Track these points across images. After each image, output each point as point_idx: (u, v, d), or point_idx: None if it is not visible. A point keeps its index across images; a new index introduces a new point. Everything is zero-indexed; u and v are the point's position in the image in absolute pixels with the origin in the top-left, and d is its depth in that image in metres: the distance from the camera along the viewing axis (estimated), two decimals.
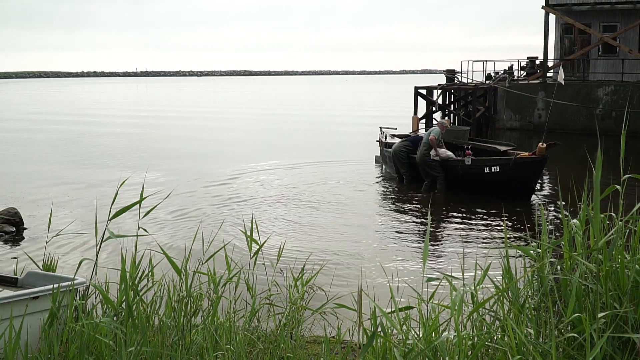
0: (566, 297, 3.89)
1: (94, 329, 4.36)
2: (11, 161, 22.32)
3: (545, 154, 14.41)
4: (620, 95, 28.95)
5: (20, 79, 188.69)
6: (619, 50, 32.75)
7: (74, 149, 25.54)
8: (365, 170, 19.43)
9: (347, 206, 14.27)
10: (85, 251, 10.36)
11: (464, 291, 3.92)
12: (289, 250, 10.11)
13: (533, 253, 4.29)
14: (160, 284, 5.01)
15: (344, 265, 9.75)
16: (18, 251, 10.50)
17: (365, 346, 3.63)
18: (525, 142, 24.16)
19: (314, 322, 5.51)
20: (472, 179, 15.37)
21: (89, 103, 65.98)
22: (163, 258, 4.84)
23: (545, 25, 32.85)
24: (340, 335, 4.73)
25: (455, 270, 8.48)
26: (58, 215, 12.85)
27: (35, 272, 5.40)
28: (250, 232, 5.20)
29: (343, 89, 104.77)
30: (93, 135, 31.48)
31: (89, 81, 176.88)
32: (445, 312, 4.09)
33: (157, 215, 12.59)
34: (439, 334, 3.85)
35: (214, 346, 4.41)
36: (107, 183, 17.08)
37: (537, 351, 3.66)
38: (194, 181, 17.51)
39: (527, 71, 36.81)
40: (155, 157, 22.73)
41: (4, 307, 4.56)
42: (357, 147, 24.86)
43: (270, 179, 17.83)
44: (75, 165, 21.05)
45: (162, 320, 4.72)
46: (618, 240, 3.92)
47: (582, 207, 4.13)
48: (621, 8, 32.63)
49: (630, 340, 3.64)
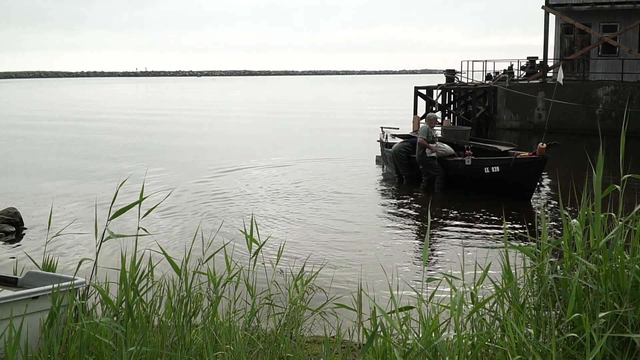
0: (566, 297, 3.89)
1: (94, 329, 4.36)
2: (11, 161, 22.31)
3: (546, 154, 14.41)
4: (620, 95, 28.95)
5: (20, 79, 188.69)
6: (619, 50, 32.75)
7: (74, 149, 25.54)
8: (366, 170, 19.43)
9: (348, 206, 14.26)
10: (85, 251, 10.36)
11: (464, 291, 3.92)
12: (289, 250, 10.11)
13: (533, 253, 4.29)
14: (160, 284, 5.02)
15: (344, 265, 9.74)
16: (18, 251, 10.50)
17: (365, 346, 3.63)
18: (525, 142, 24.16)
19: (314, 322, 5.51)
20: (472, 179, 15.38)
21: (90, 103, 65.98)
22: (163, 258, 4.85)
23: (545, 25, 32.85)
24: (340, 335, 4.73)
25: (455, 270, 8.48)
26: (58, 215, 12.85)
27: (35, 272, 5.40)
28: (250, 232, 5.20)
29: (343, 89, 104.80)
30: (94, 134, 31.47)
31: (89, 81, 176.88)
32: (445, 312, 4.09)
33: (157, 215, 12.59)
34: (439, 334, 3.84)
35: (214, 346, 4.41)
36: (107, 183, 17.08)
37: (537, 351, 3.66)
38: (194, 180, 17.50)
39: (527, 71, 36.80)
40: (156, 157, 22.72)
41: (4, 307, 4.56)
42: (358, 147, 24.86)
43: (270, 179, 17.82)
44: (75, 165, 21.03)
45: (162, 320, 4.72)
46: (618, 240, 3.92)
47: (582, 207, 4.13)
48: (621, 8, 32.64)
49: (630, 340, 3.64)
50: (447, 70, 36.62)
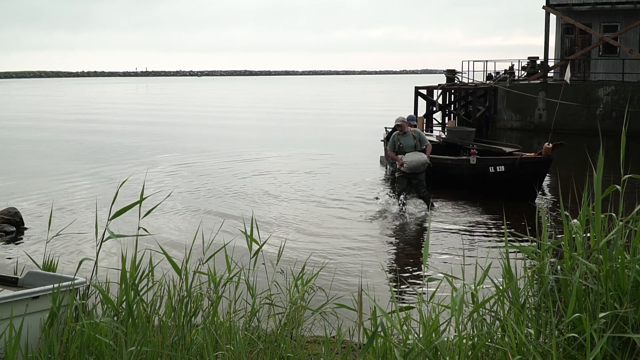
0: (566, 297, 3.89)
1: (94, 329, 4.36)
2: (11, 160, 22.31)
3: (551, 154, 14.32)
4: (621, 96, 28.94)
5: (21, 79, 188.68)
6: (620, 50, 32.75)
7: (74, 148, 25.54)
8: (369, 170, 19.43)
9: (349, 206, 14.25)
10: (86, 251, 10.36)
11: (464, 291, 3.92)
12: (289, 249, 10.11)
13: (533, 253, 4.29)
14: (160, 283, 5.02)
15: (344, 265, 9.74)
16: (18, 251, 10.50)
17: (365, 346, 3.62)
18: (526, 142, 24.13)
19: (314, 322, 5.51)
20: (476, 178, 15.25)
21: (90, 102, 65.99)
22: (163, 258, 4.85)
23: (545, 25, 32.84)
24: (340, 335, 4.73)
25: (456, 270, 8.47)
26: (58, 215, 12.85)
27: (35, 272, 5.39)
28: (251, 232, 5.19)
29: (344, 89, 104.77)
30: (94, 134, 31.47)
31: (90, 81, 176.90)
32: (446, 312, 4.09)
33: (157, 214, 12.59)
34: (439, 334, 3.84)
35: (214, 346, 4.41)
36: (108, 182, 17.08)
37: (537, 351, 3.66)
38: (194, 180, 17.51)
39: (527, 71, 36.79)
40: (156, 157, 22.72)
41: (4, 307, 4.55)
42: (361, 147, 24.87)
43: (271, 178, 17.81)
44: (76, 164, 21.03)
45: (163, 320, 4.72)
46: (618, 240, 3.92)
47: (582, 207, 4.13)
48: (622, 8, 32.63)
49: (630, 340, 3.64)
50: (447, 70, 36.60)
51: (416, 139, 13.18)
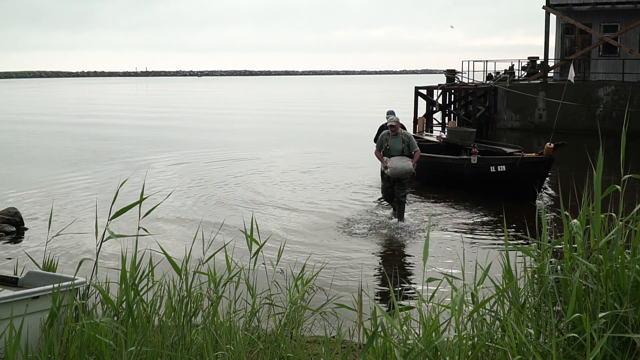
0: (566, 297, 3.89)
1: (94, 329, 4.36)
2: (12, 160, 22.31)
3: (553, 154, 14.29)
4: (621, 96, 28.93)
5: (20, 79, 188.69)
6: (620, 50, 32.75)
7: (74, 149, 25.54)
8: (370, 170, 19.40)
9: (350, 206, 14.26)
10: (86, 251, 10.36)
11: (464, 291, 3.92)
12: (289, 249, 10.10)
13: (533, 253, 4.29)
14: (160, 283, 5.01)
15: (344, 265, 9.74)
16: (18, 251, 10.50)
17: (365, 346, 3.62)
18: (526, 142, 24.12)
19: (314, 322, 5.51)
20: (477, 178, 15.23)
21: (90, 102, 65.99)
22: (163, 258, 4.84)
23: (545, 25, 32.84)
24: (340, 335, 4.73)
25: (456, 270, 8.48)
26: (58, 215, 12.85)
27: (35, 272, 5.39)
28: (251, 232, 5.19)
29: (345, 89, 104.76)
30: (94, 134, 31.48)
31: (90, 81, 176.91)
32: (446, 312, 4.09)
33: (157, 214, 12.58)
34: (439, 334, 3.84)
35: (214, 346, 4.41)
36: (108, 182, 17.08)
37: (537, 351, 3.66)
38: (195, 180, 17.51)
39: (527, 71, 36.79)
40: (156, 157, 22.72)
41: (4, 307, 4.55)
42: (362, 147, 24.85)
43: (271, 178, 17.81)
44: (76, 164, 21.03)
45: (163, 320, 4.72)
46: (618, 240, 3.92)
47: (582, 207, 4.13)
48: (622, 8, 32.63)
49: (630, 340, 3.64)
50: (447, 70, 36.59)
51: (405, 143, 12.49)
